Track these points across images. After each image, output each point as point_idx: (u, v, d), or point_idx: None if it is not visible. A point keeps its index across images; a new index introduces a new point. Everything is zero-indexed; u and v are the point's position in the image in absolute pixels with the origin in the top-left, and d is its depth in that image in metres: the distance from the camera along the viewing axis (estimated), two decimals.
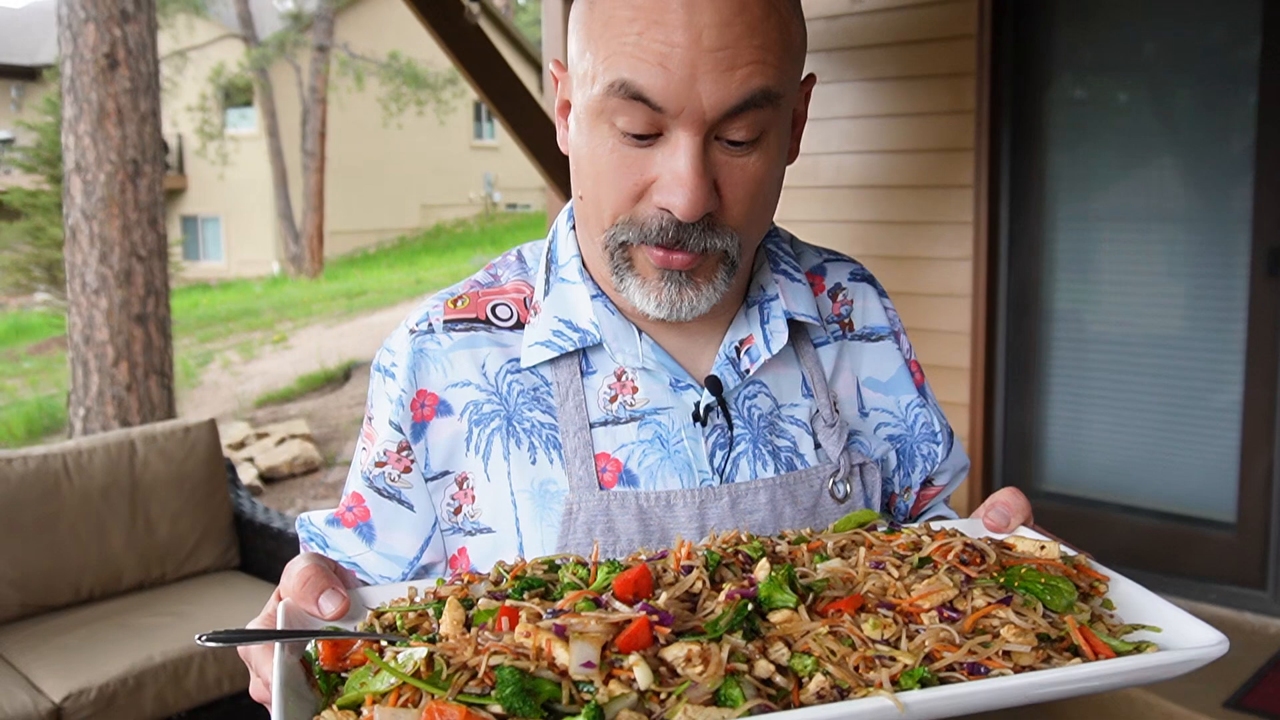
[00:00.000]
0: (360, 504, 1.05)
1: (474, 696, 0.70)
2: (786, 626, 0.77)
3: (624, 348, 1.02)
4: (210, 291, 18.54)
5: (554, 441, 1.01)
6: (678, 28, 0.86)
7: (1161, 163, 4.17)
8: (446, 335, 1.04)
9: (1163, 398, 4.17)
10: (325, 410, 9.44)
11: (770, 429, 1.04)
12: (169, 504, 3.71)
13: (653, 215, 0.93)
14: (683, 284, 0.96)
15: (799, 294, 1.07)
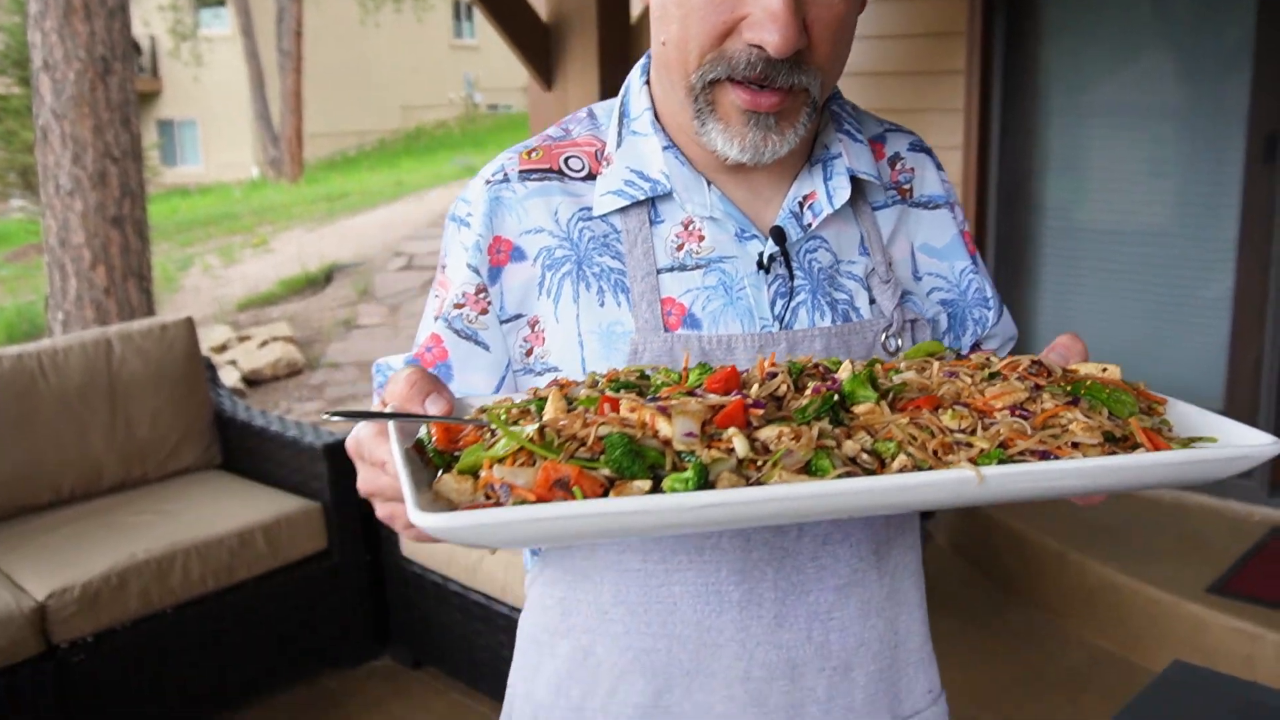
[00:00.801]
0: (439, 344, 1.09)
1: (585, 460, 0.76)
2: (869, 418, 0.83)
3: (693, 198, 1.05)
4: (189, 196, 18.28)
5: (622, 286, 1.05)
6: None
7: (1158, 53, 4.07)
8: (521, 184, 1.07)
9: (1154, 289, 4.13)
10: (308, 313, 9.37)
11: (829, 282, 1.07)
12: (148, 403, 3.66)
13: (742, 51, 0.95)
14: (768, 128, 0.98)
15: (861, 154, 1.10)
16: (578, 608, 1.12)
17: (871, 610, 1.12)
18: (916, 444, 0.81)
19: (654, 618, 1.08)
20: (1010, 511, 3.89)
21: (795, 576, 1.08)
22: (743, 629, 1.07)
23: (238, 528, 3.28)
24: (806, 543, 1.08)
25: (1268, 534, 3.68)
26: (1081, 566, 3.58)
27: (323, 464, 3.43)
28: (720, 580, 1.07)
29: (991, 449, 0.80)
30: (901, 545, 1.16)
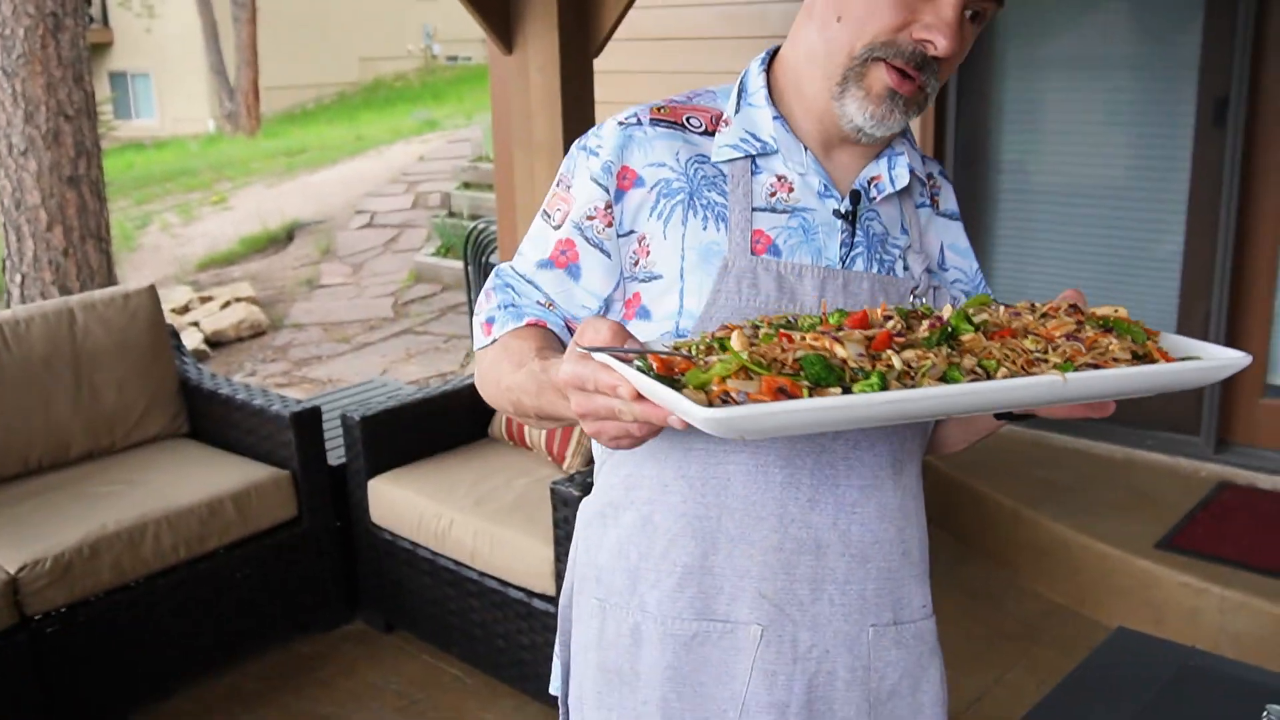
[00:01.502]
0: (572, 248, 1.33)
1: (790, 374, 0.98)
2: (972, 343, 1.08)
3: (792, 157, 1.32)
4: (144, 151, 17.99)
5: (723, 216, 1.29)
6: None
7: (1111, 9, 4.12)
8: (652, 128, 1.32)
9: (1105, 248, 4.21)
10: (270, 272, 9.31)
11: (880, 246, 1.34)
12: (113, 372, 3.67)
13: (909, 43, 1.21)
14: (896, 107, 1.24)
15: (915, 158, 1.38)
16: (642, 482, 1.34)
17: (886, 514, 1.34)
18: (1010, 362, 1.06)
19: (709, 490, 1.30)
20: (967, 470, 3.98)
21: (828, 470, 1.30)
22: (781, 505, 1.29)
23: (207, 496, 3.31)
24: (840, 444, 1.30)
25: (1213, 490, 3.80)
26: (1035, 523, 3.68)
27: (290, 432, 3.46)
28: (768, 463, 1.29)
29: (1063, 362, 1.06)
30: (911, 468, 1.38)
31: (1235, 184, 3.78)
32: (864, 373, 1.00)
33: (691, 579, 1.32)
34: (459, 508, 3.25)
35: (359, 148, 14.35)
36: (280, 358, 7.26)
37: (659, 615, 1.33)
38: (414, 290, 8.63)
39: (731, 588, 1.31)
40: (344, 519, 3.61)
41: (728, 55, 4.67)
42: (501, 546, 3.10)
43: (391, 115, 18.22)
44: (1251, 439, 3.94)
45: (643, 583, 1.34)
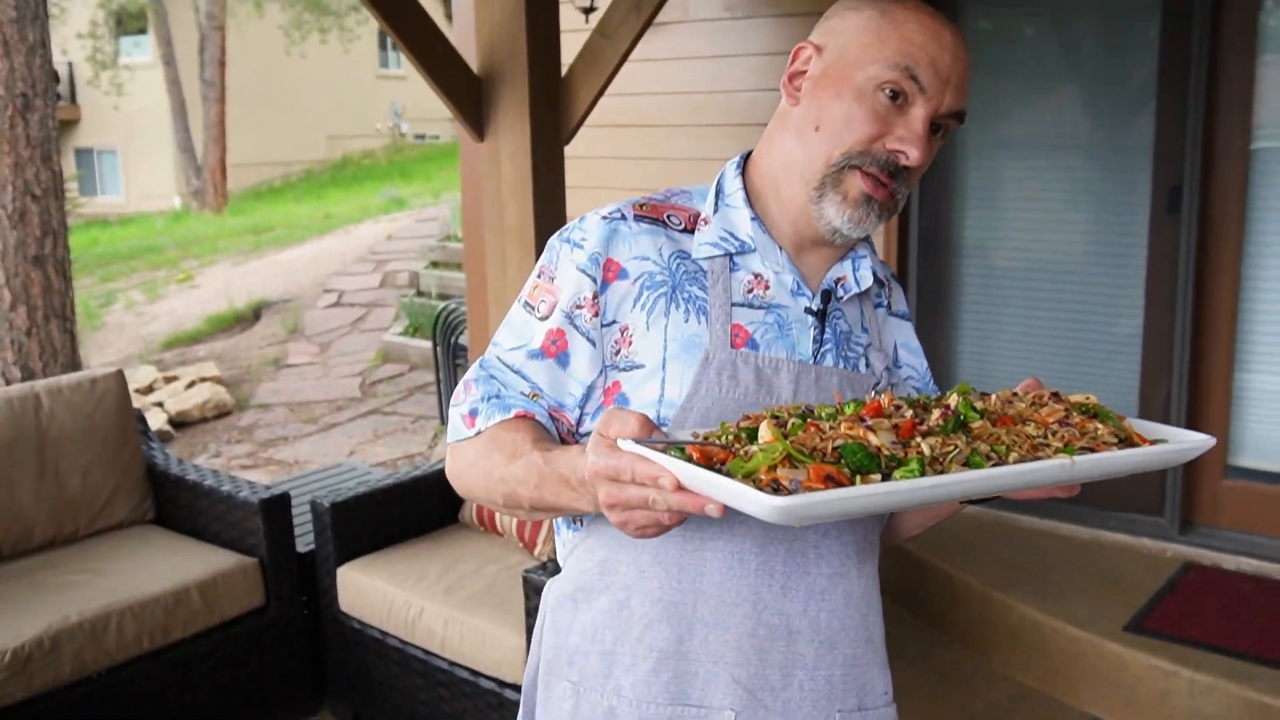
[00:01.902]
0: (563, 337, 1.37)
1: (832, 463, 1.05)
2: (981, 431, 1.15)
3: (769, 256, 1.39)
4: (109, 227, 17.96)
5: (704, 310, 1.36)
6: (948, 52, 1.32)
7: (1067, 97, 4.24)
8: (636, 223, 1.39)
9: (1067, 330, 4.29)
10: (236, 351, 9.26)
11: (846, 342, 1.42)
12: (79, 458, 3.63)
13: (883, 152, 1.31)
14: (870, 210, 1.33)
15: (875, 261, 1.46)
16: (618, 567, 1.37)
17: (852, 601, 1.39)
18: (1017, 446, 1.14)
19: (685, 576, 1.34)
20: (937, 553, 4.00)
21: (800, 557, 1.35)
22: (756, 592, 1.34)
23: (172, 585, 3.27)
24: (811, 532, 1.36)
25: (1179, 571, 3.84)
26: (1005, 605, 3.69)
27: (259, 518, 3.43)
28: (744, 550, 1.34)
29: (1064, 446, 1.15)
30: (872, 557, 1.43)
31: (1191, 269, 3.87)
32: (897, 460, 1.07)
33: (667, 663, 1.35)
34: (429, 595, 3.22)
35: (327, 226, 14.40)
36: (245, 439, 7.21)
37: (634, 699, 1.35)
38: (382, 370, 8.62)
39: (706, 673, 1.35)
40: (312, 607, 3.57)
41: (695, 142, 4.75)
42: (472, 635, 3.07)
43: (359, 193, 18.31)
44: (1215, 519, 3.99)
45: (618, 666, 1.37)
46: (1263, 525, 3.89)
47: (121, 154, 22.94)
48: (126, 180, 22.94)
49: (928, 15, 1.34)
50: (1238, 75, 3.75)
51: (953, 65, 1.32)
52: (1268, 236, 3.82)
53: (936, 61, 1.31)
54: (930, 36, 1.31)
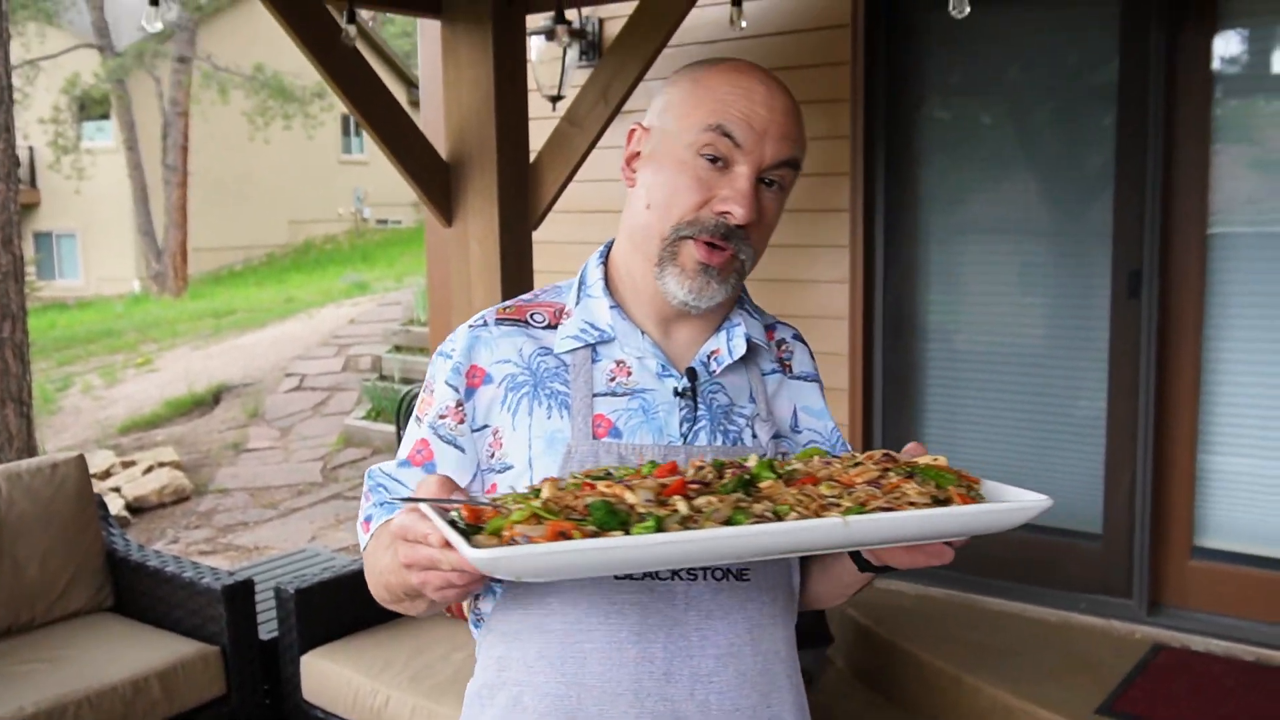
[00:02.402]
0: (427, 448, 1.40)
1: (577, 519, 1.06)
2: (770, 490, 1.16)
3: (629, 342, 1.40)
4: (67, 311, 17.81)
5: (566, 404, 1.37)
6: (761, 104, 1.33)
7: (1030, 185, 4.33)
8: (497, 328, 1.42)
9: (1031, 413, 4.33)
10: (195, 436, 9.15)
11: (725, 417, 1.41)
12: (37, 544, 3.56)
13: (710, 217, 1.32)
14: (711, 277, 1.34)
15: (755, 326, 1.47)
16: (511, 664, 1.37)
17: (747, 681, 1.36)
18: (803, 506, 1.12)
19: (569, 670, 1.33)
20: (906, 635, 3.98)
21: (682, 642, 1.33)
22: (636, 681, 1.32)
23: (131, 674, 3.19)
24: (692, 615, 1.34)
25: (1149, 652, 3.84)
26: (976, 689, 3.67)
27: (221, 605, 3.37)
28: (621, 640, 1.32)
29: (853, 506, 1.13)
30: (774, 635, 1.41)
31: (1152, 352, 3.93)
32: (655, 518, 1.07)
33: None
34: (395, 684, 3.16)
35: (289, 310, 14.35)
36: (204, 524, 7.09)
37: None
38: (344, 454, 8.54)
39: None
40: (274, 696, 3.49)
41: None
42: None
43: (322, 277, 18.30)
44: (1182, 601, 4.00)
45: None
46: (1229, 606, 3.91)
47: (81, 238, 22.83)
48: (85, 264, 22.80)
49: (739, 73, 1.36)
50: (1193, 162, 3.86)
51: (769, 118, 1.33)
52: (1226, 319, 3.90)
53: (750, 117, 1.32)
54: (740, 94, 1.33)
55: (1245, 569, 3.92)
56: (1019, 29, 4.27)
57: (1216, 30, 3.80)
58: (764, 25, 4.46)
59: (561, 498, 1.11)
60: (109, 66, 20.50)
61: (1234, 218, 3.88)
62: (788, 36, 4.47)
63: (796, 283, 4.55)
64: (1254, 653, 3.76)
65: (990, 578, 4.30)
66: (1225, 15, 3.80)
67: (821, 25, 4.39)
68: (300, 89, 20.38)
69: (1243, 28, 3.84)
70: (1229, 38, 3.84)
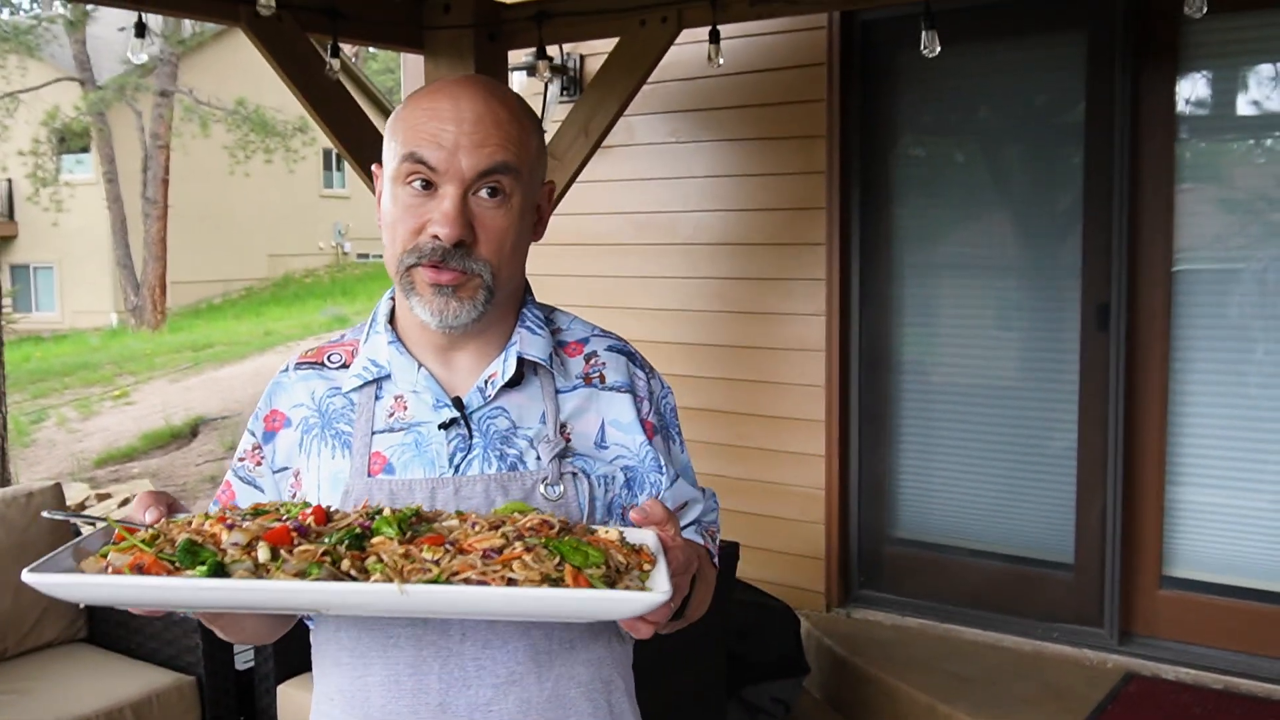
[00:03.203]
0: (229, 488, 1.47)
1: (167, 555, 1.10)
2: (379, 546, 1.15)
3: (404, 376, 1.41)
4: (43, 344, 17.73)
5: (348, 444, 1.40)
6: (449, 120, 1.32)
7: (1001, 220, 4.41)
8: (296, 372, 1.48)
9: (1004, 445, 4.38)
10: (172, 468, 9.12)
11: (504, 441, 1.39)
12: (10, 574, 3.54)
13: (427, 241, 1.32)
14: (449, 297, 1.33)
15: (535, 343, 1.44)
16: (319, 698, 1.43)
17: (531, 709, 1.36)
18: (397, 568, 1.11)
19: (356, 703, 1.36)
20: (880, 665, 4.01)
21: (458, 672, 1.34)
22: (414, 713, 1.34)
23: (106, 705, 3.18)
24: (469, 645, 1.34)
25: (1120, 681, 3.87)
26: (950, 718, 3.70)
27: (196, 635, 3.36)
28: (398, 672, 1.35)
29: (438, 574, 1.11)
30: (569, 658, 1.39)
31: (1121, 385, 4.00)
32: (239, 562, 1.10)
33: None
34: None
35: (267, 343, 14.34)
36: None
37: None
38: None
39: None
40: None
41: (641, 261, 4.86)
42: None
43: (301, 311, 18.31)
44: (1153, 630, 4.04)
45: None
46: (1198, 635, 3.95)
47: (58, 270, 22.78)
48: (62, 297, 22.73)
49: (430, 94, 1.36)
50: (1157, 200, 3.94)
51: (458, 130, 1.32)
52: (1193, 353, 3.97)
53: (439, 136, 1.31)
54: (428, 116, 1.33)
55: (1213, 598, 3.96)
56: (989, 70, 4.36)
57: (1179, 71, 3.90)
58: (742, 63, 4.53)
59: (169, 530, 1.14)
60: (90, 99, 20.53)
61: (1198, 254, 3.96)
62: (765, 74, 4.55)
63: (773, 315, 4.60)
64: (1222, 681, 3.80)
65: (965, 608, 4.34)
66: (1187, 57, 3.89)
67: (798, 64, 4.47)
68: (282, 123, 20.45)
69: (1205, 69, 3.93)
70: (1192, 79, 3.94)
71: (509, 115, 1.35)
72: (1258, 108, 3.91)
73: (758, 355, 4.67)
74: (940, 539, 4.48)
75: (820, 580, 4.56)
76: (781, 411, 4.62)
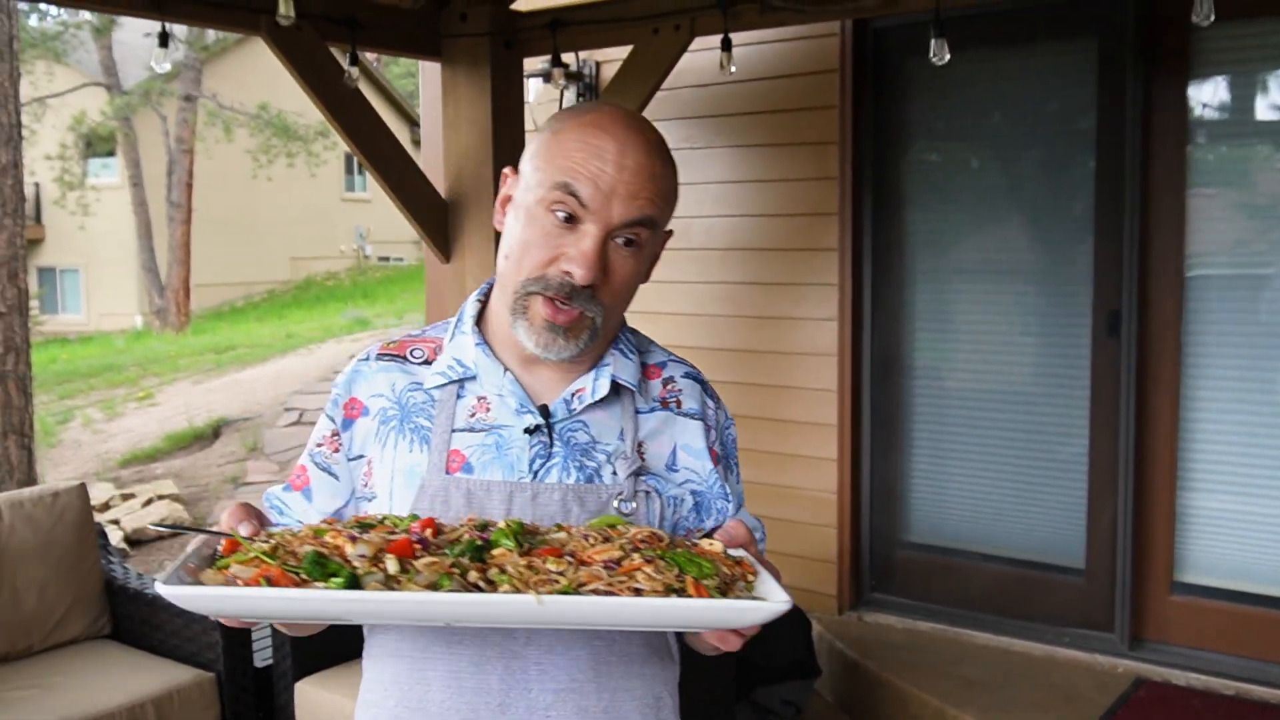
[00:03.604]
0: (304, 474, 1.48)
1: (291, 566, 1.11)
2: (501, 558, 1.16)
3: (490, 379, 1.43)
4: (69, 346, 17.91)
5: (426, 439, 1.41)
6: (610, 163, 1.32)
7: (1012, 226, 4.43)
8: (376, 362, 1.49)
9: (1016, 450, 4.40)
10: (194, 469, 9.22)
11: (583, 453, 1.41)
12: (36, 572, 3.62)
13: (556, 275, 1.33)
14: (557, 334, 1.35)
15: (627, 368, 1.47)
16: (372, 686, 1.43)
17: (588, 717, 1.38)
18: (522, 579, 1.12)
19: (415, 695, 1.38)
20: (891, 669, 4.03)
21: (520, 675, 1.36)
22: (473, 710, 1.36)
23: (128, 701, 3.25)
24: (532, 649, 1.36)
25: (1131, 687, 3.89)
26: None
27: (216, 633, 3.42)
28: (460, 669, 1.36)
29: (567, 585, 1.12)
30: (625, 671, 1.41)
31: (1132, 391, 4.01)
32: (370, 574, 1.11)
33: None
34: None
35: (289, 345, 14.45)
36: None
37: None
38: None
39: None
40: None
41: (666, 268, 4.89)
42: None
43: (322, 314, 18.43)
44: (1164, 635, 4.06)
45: None
46: (1209, 641, 3.97)
47: (84, 273, 22.99)
48: (88, 299, 22.94)
49: (596, 129, 1.35)
50: (1169, 205, 3.96)
51: (617, 177, 1.32)
52: (1204, 359, 3.98)
53: (598, 177, 1.31)
54: (591, 153, 1.33)
55: (1225, 604, 3.97)
56: (1001, 76, 4.39)
57: (1190, 77, 3.92)
58: (756, 70, 4.58)
59: (290, 543, 1.16)
60: (116, 104, 20.74)
61: (1210, 260, 3.97)
62: (778, 81, 4.58)
63: (786, 320, 4.63)
64: (1234, 687, 3.81)
65: (976, 611, 4.36)
66: (1198, 63, 3.91)
67: (811, 70, 4.51)
68: (304, 128, 20.60)
69: (1216, 75, 3.95)
70: (1203, 85, 3.95)
71: (663, 170, 1.37)
72: (1270, 113, 3.92)
73: (770, 360, 4.71)
74: (952, 543, 4.50)
75: (832, 583, 4.59)
76: (794, 416, 4.65)
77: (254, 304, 22.36)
